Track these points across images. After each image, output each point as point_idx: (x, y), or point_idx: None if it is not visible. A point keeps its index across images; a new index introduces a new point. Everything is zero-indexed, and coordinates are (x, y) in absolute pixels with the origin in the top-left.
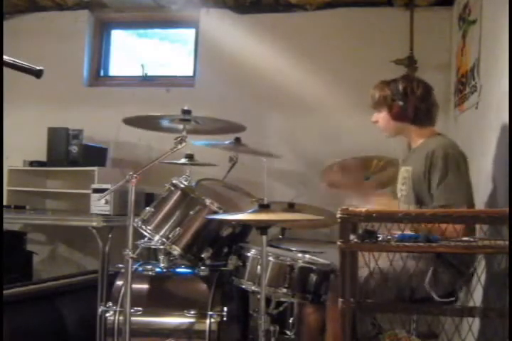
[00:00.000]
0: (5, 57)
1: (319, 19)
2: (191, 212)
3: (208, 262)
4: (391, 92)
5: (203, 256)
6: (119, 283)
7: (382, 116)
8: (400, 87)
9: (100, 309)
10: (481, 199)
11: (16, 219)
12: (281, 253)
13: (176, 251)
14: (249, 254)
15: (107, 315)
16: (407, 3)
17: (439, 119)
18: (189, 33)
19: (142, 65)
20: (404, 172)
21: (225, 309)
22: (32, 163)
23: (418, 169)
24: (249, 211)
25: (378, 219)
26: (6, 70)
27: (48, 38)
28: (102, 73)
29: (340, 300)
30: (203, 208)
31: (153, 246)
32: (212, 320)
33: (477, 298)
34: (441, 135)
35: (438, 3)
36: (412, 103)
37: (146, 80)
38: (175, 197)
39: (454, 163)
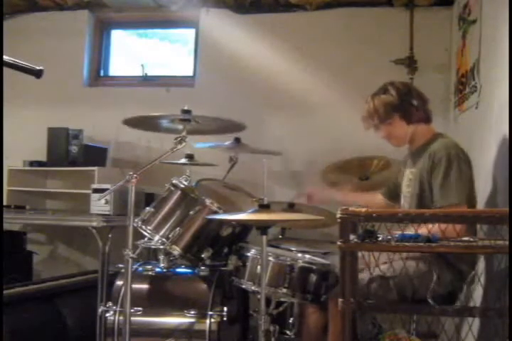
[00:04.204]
0: (5, 57)
1: (319, 19)
2: (191, 212)
3: (207, 262)
4: (397, 96)
5: (203, 256)
6: (119, 283)
7: (396, 126)
8: (402, 89)
9: (100, 309)
10: (481, 199)
11: (16, 219)
12: (281, 253)
13: (176, 251)
14: (249, 254)
15: (107, 315)
16: (407, 3)
17: (439, 119)
18: (189, 33)
19: (142, 65)
20: (409, 174)
21: (225, 309)
22: (32, 163)
23: (421, 170)
24: (249, 211)
25: (378, 219)
26: (6, 70)
27: (48, 38)
28: (102, 73)
29: (340, 300)
30: (203, 208)
31: (153, 246)
32: (212, 320)
33: (477, 298)
34: (442, 135)
35: (438, 3)
36: (421, 100)
37: (146, 80)
38: (175, 197)
39: (456, 164)
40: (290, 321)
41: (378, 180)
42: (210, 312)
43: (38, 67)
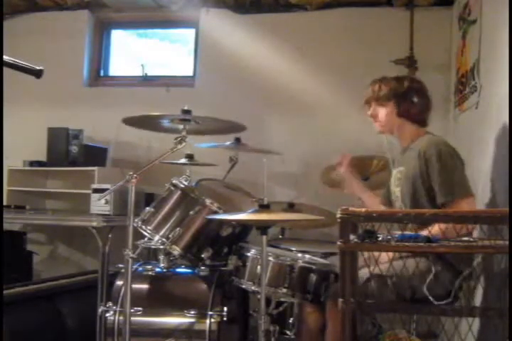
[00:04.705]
0: (5, 57)
1: (319, 19)
2: (191, 212)
3: (207, 262)
4: (406, 87)
5: (203, 256)
6: (119, 283)
7: (385, 111)
8: (414, 85)
9: (100, 309)
10: (481, 199)
11: (16, 219)
12: (281, 253)
13: (176, 251)
14: (249, 254)
15: (107, 315)
16: (407, 3)
17: (439, 119)
18: (189, 33)
19: (142, 65)
20: (397, 173)
21: (225, 309)
22: (32, 163)
23: (412, 169)
24: (249, 211)
25: (378, 219)
26: (6, 70)
27: (48, 38)
28: (102, 73)
29: (340, 300)
30: (203, 208)
31: (153, 246)
32: (212, 320)
33: (477, 298)
34: (429, 133)
35: (438, 3)
36: (424, 102)
37: (146, 80)
38: (175, 197)
39: (450, 160)
40: (290, 321)
41: (378, 180)
42: (210, 312)
43: (38, 67)
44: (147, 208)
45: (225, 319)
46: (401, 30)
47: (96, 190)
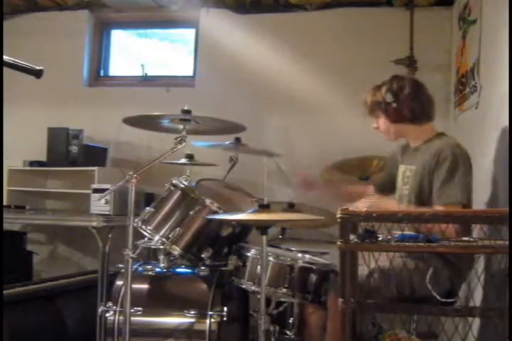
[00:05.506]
0: (5, 57)
1: (319, 19)
2: (191, 212)
3: (207, 262)
4: (382, 96)
5: (203, 256)
6: (119, 283)
7: (381, 121)
8: (390, 89)
9: (100, 309)
10: (481, 199)
11: (16, 219)
12: (281, 253)
13: (176, 251)
14: (249, 254)
15: (107, 315)
16: (407, 3)
17: (439, 119)
18: (189, 33)
19: (142, 65)
20: (406, 171)
21: (225, 309)
22: (32, 163)
23: (421, 168)
24: (249, 211)
25: (378, 219)
26: (6, 70)
27: (48, 38)
28: (102, 73)
29: (340, 299)
30: (203, 208)
31: (153, 246)
32: (212, 320)
33: (477, 298)
34: (445, 135)
35: (438, 3)
36: (405, 102)
37: (146, 80)
38: (175, 197)
39: (462, 164)
40: (290, 321)
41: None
42: (210, 312)
43: (38, 67)
44: (147, 208)
45: (225, 319)
46: (401, 30)
47: (96, 190)
